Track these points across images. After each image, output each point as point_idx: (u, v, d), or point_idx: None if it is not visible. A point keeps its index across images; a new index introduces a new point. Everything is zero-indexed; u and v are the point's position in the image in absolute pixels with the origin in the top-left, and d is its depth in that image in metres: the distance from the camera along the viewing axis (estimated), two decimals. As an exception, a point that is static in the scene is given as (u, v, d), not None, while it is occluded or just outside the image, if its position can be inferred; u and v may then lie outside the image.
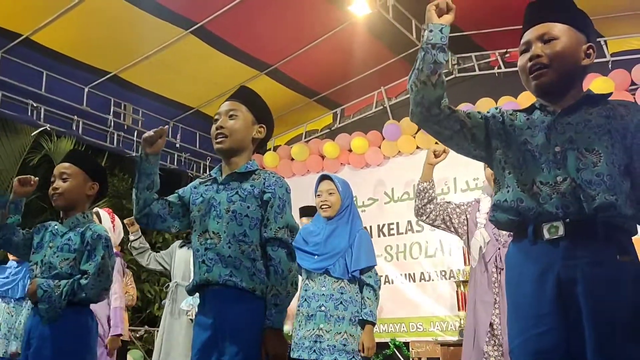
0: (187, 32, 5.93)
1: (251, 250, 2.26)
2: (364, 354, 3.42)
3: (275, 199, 2.31)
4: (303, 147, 7.55)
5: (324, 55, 6.51)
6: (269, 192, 2.31)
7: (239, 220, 2.28)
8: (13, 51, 5.82)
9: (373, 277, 3.57)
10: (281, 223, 2.29)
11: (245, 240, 2.26)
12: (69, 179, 2.85)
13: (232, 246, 2.25)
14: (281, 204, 2.31)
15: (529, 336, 1.78)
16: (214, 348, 2.21)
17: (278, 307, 2.21)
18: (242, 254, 2.25)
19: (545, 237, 1.80)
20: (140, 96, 6.92)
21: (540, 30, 1.91)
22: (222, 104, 2.47)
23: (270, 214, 2.29)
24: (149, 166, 2.41)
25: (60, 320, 2.64)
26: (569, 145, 1.83)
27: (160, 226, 2.46)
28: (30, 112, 6.21)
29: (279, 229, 2.28)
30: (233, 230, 2.26)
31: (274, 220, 2.28)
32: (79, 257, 2.74)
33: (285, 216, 2.31)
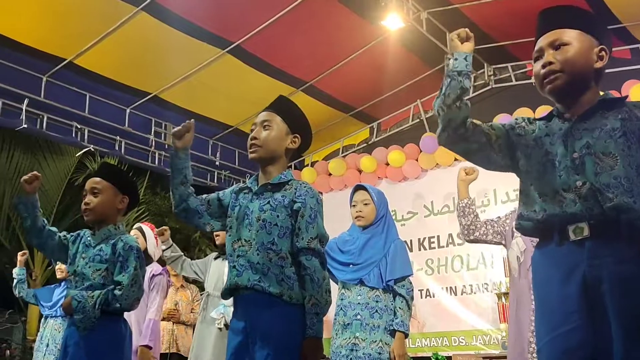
0: (223, 51, 6.04)
1: (279, 258, 2.30)
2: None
3: (306, 209, 2.34)
4: (340, 162, 7.58)
5: (359, 70, 6.55)
6: (299, 202, 2.34)
7: (268, 229, 2.32)
8: (57, 75, 6.02)
9: (406, 286, 3.56)
10: (313, 233, 2.32)
11: (274, 249, 2.30)
12: (100, 194, 2.90)
13: (260, 253, 2.29)
14: (312, 214, 2.35)
15: (555, 335, 1.78)
16: (246, 352, 2.26)
17: (319, 316, 2.25)
18: (269, 261, 2.29)
19: (571, 238, 1.82)
20: (180, 115, 7.04)
21: (551, 37, 1.95)
22: (260, 114, 2.52)
23: (301, 224, 2.33)
24: (180, 161, 2.50)
25: (95, 329, 2.70)
26: (586, 151, 1.85)
27: (197, 222, 2.54)
28: (74, 134, 6.40)
29: (312, 239, 2.31)
30: (262, 239, 2.31)
31: (305, 230, 2.32)
32: (110, 268, 2.80)
33: (316, 226, 2.34)
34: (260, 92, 6.46)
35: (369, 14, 5.78)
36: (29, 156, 8.80)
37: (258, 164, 2.49)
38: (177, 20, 5.58)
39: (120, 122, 6.70)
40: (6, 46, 5.55)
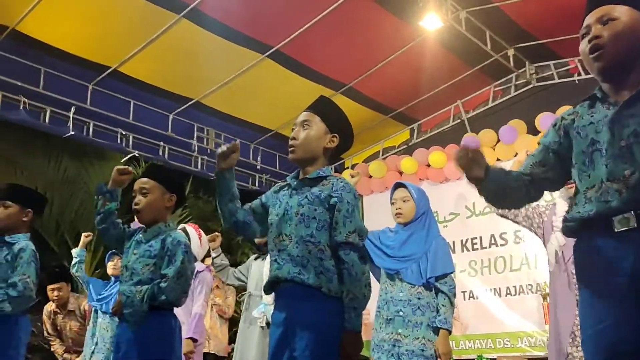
0: (263, 56, 6.11)
1: (318, 250, 2.33)
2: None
3: (343, 204, 2.36)
4: (380, 165, 7.57)
5: (398, 72, 6.55)
6: (336, 197, 2.37)
7: (306, 223, 2.35)
8: (102, 83, 6.18)
9: (448, 284, 3.54)
10: (351, 227, 2.34)
11: (312, 241, 2.33)
12: (148, 193, 2.97)
13: (299, 246, 2.33)
14: (350, 208, 2.36)
15: (601, 327, 1.75)
16: (286, 344, 2.29)
17: (356, 310, 2.26)
18: (309, 253, 2.32)
19: (617, 229, 1.77)
20: (221, 121, 7.15)
21: (599, 12, 1.90)
22: (300, 114, 2.55)
23: (339, 218, 2.35)
24: (226, 181, 2.54)
25: (145, 324, 2.76)
26: (635, 139, 1.78)
27: (247, 232, 2.62)
28: (119, 140, 6.56)
29: (349, 233, 2.33)
30: (301, 232, 2.35)
31: (343, 224, 2.34)
32: (159, 263, 2.86)
33: (354, 220, 2.36)
34: (300, 95, 6.50)
35: (407, 15, 5.77)
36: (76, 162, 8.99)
37: (298, 165, 2.52)
38: (217, 26, 5.67)
39: (163, 128, 6.83)
40: (54, 56, 5.72)
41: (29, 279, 3.39)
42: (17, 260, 3.41)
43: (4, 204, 3.53)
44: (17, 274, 3.37)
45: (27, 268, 3.41)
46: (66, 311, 5.85)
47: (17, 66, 5.69)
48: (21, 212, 3.57)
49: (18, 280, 3.35)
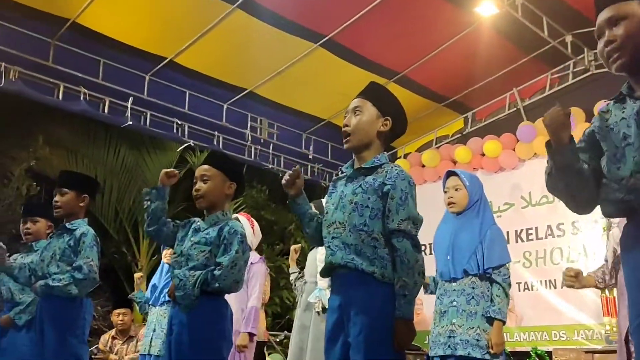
0: (316, 45, 6.12)
1: (371, 239, 2.34)
2: (493, 351, 3.35)
3: (396, 191, 2.35)
4: (434, 154, 7.50)
5: (452, 59, 6.46)
6: (389, 185, 2.36)
7: (360, 211, 2.37)
8: (159, 73, 6.30)
9: (502, 273, 3.48)
10: (403, 215, 2.33)
11: (365, 230, 2.34)
12: (209, 180, 2.99)
13: (353, 234, 2.35)
14: (403, 196, 2.35)
15: None
16: (341, 329, 2.33)
17: (407, 298, 2.26)
18: (362, 242, 2.33)
19: None
20: (275, 110, 7.20)
21: (608, 13, 1.87)
22: (352, 102, 2.56)
23: (392, 206, 2.34)
24: (300, 207, 2.61)
25: (197, 308, 2.81)
26: None
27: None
28: (175, 130, 6.68)
29: (402, 220, 2.32)
30: (354, 221, 2.36)
31: (395, 212, 2.33)
32: (214, 250, 2.90)
33: (407, 208, 2.34)
34: (353, 84, 6.44)
35: (462, 1, 5.69)
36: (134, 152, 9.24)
37: (353, 152, 2.53)
38: (270, 16, 5.71)
39: (218, 117, 6.93)
40: (112, 48, 5.87)
41: (92, 262, 3.53)
42: (80, 245, 3.54)
43: (61, 191, 3.66)
44: (81, 257, 3.51)
45: (90, 252, 3.54)
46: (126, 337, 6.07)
47: (78, 58, 5.85)
48: (77, 198, 3.69)
49: (83, 263, 3.49)
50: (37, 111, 7.60)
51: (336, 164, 8.08)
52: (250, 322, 4.53)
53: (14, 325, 4.15)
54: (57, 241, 3.62)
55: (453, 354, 3.38)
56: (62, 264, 3.53)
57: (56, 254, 3.56)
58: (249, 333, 4.51)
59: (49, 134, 8.38)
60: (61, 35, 5.65)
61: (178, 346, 2.81)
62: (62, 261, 3.54)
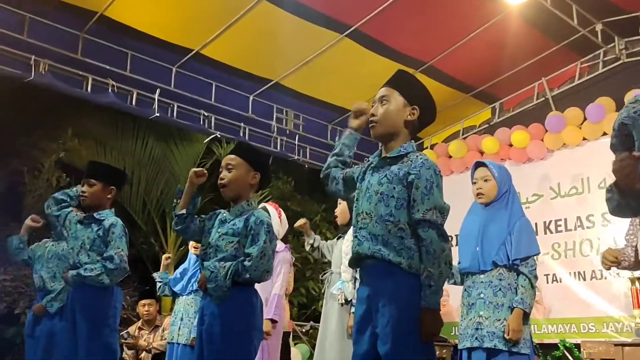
0: (342, 36, 6.10)
1: (398, 229, 2.33)
2: (508, 337, 3.32)
3: (421, 181, 2.34)
4: (461, 144, 7.45)
5: (480, 49, 6.39)
6: (414, 174, 2.35)
7: (385, 201, 2.37)
8: (185, 65, 6.34)
9: (529, 265, 3.45)
10: (429, 204, 2.32)
11: (392, 220, 2.34)
12: (233, 169, 3.03)
13: (379, 225, 2.35)
14: (428, 185, 2.34)
15: None
16: (369, 320, 2.34)
17: (432, 288, 2.25)
18: (389, 232, 2.33)
19: None
20: (300, 101, 7.21)
21: None
22: (379, 91, 2.55)
23: (416, 195, 2.33)
24: (344, 138, 2.78)
25: (227, 299, 2.85)
26: None
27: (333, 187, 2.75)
28: (202, 121, 6.73)
29: (427, 210, 2.31)
30: (380, 211, 2.36)
31: (421, 202, 2.32)
32: (242, 241, 2.93)
33: (432, 197, 2.33)
34: (379, 74, 6.41)
35: (489, -10, 5.62)
36: (161, 143, 9.32)
37: (380, 141, 2.52)
38: (296, 7, 5.70)
39: (244, 109, 6.96)
40: (140, 40, 5.92)
41: (122, 252, 3.59)
42: (109, 235, 3.61)
43: (89, 182, 3.72)
44: (112, 247, 3.57)
45: (120, 242, 3.61)
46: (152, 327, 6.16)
47: (106, 51, 5.91)
48: (105, 190, 3.75)
49: (114, 253, 3.55)
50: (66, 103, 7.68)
51: (362, 154, 8.03)
52: (272, 308, 4.56)
53: (46, 313, 4.24)
54: (85, 231, 3.68)
55: (480, 346, 3.38)
56: (92, 254, 3.60)
57: (86, 244, 3.63)
58: (271, 319, 4.54)
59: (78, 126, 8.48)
60: (90, 28, 5.71)
61: (210, 337, 2.85)
62: (93, 251, 3.61)
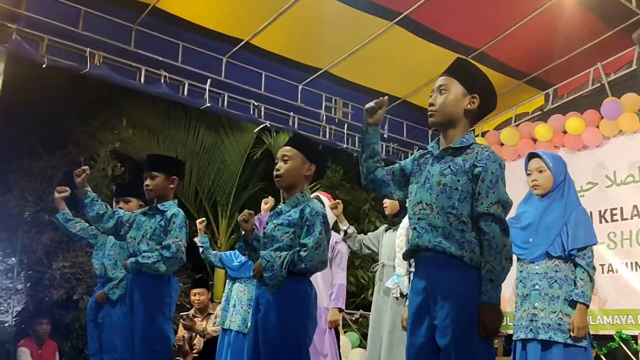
0: (392, 23, 6.05)
1: (459, 222, 2.31)
2: (574, 334, 3.28)
3: (487, 174, 2.31)
4: (513, 132, 7.32)
5: (533, 34, 6.26)
6: (480, 167, 2.32)
7: (448, 193, 2.34)
8: (236, 55, 6.40)
9: (587, 256, 3.39)
10: (493, 198, 2.29)
11: (454, 213, 2.32)
12: (289, 160, 3.08)
13: (441, 217, 2.32)
14: (493, 179, 2.31)
15: None
16: (427, 312, 2.32)
17: (493, 283, 2.24)
18: (450, 225, 2.31)
19: None
20: (349, 90, 7.20)
21: None
22: (437, 79, 2.51)
23: (482, 188, 2.30)
24: (369, 137, 2.60)
25: (283, 288, 2.90)
26: None
27: (384, 191, 2.66)
28: (252, 111, 6.79)
29: (491, 204, 2.28)
30: (442, 203, 2.33)
31: (485, 195, 2.30)
32: (298, 231, 2.98)
33: (497, 191, 2.30)
34: (429, 62, 6.40)
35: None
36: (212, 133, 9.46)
37: (438, 129, 2.50)
38: (345, -6, 5.69)
39: (293, 98, 6.98)
40: (191, 31, 6.00)
41: (180, 242, 3.67)
42: (170, 225, 3.70)
43: (151, 174, 3.80)
44: (171, 237, 3.66)
45: (179, 232, 3.69)
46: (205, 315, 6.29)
47: (158, 42, 6.01)
48: (167, 181, 3.84)
49: (172, 242, 3.63)
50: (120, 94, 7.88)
51: (412, 143, 8.01)
52: (339, 298, 4.65)
53: (108, 300, 4.36)
54: (149, 221, 3.79)
55: (535, 337, 3.34)
56: (152, 243, 3.70)
57: (147, 233, 3.73)
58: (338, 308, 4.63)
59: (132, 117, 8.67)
60: (142, 20, 5.82)
61: (265, 325, 2.90)
62: (152, 240, 3.70)
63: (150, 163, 3.91)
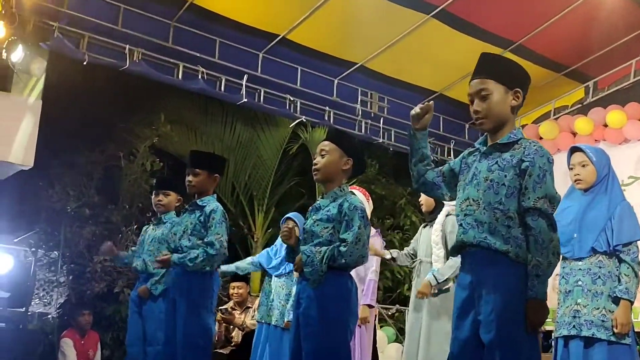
0: (429, 16, 6.01)
1: (506, 217, 2.30)
2: (617, 331, 3.21)
3: (535, 168, 2.29)
4: (552, 125, 7.21)
5: (573, 26, 6.15)
6: (527, 161, 2.30)
7: (495, 189, 2.32)
8: (272, 51, 6.43)
9: (632, 252, 3.32)
10: (540, 193, 2.27)
11: (501, 208, 2.30)
12: (327, 155, 3.09)
13: (487, 212, 2.31)
14: (541, 173, 2.28)
15: None
16: (472, 307, 2.32)
17: (540, 278, 2.22)
18: (496, 220, 2.30)
19: None
20: (385, 84, 7.17)
21: None
22: (471, 83, 2.45)
23: (529, 183, 2.29)
24: (417, 142, 2.60)
25: (324, 283, 2.91)
26: None
27: (435, 193, 2.69)
28: (288, 106, 6.82)
29: (538, 198, 2.26)
30: (489, 198, 2.32)
31: (532, 190, 2.28)
32: (337, 226, 2.98)
33: (544, 186, 2.28)
34: (466, 55, 6.29)
35: (584, -36, 5.39)
36: (248, 128, 9.52)
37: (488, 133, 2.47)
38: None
39: (329, 92, 6.99)
40: (227, 27, 6.05)
41: (222, 238, 3.72)
42: (209, 221, 3.74)
43: (194, 171, 3.85)
44: (212, 233, 3.70)
45: (220, 228, 3.73)
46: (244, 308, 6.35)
47: (195, 38, 6.08)
48: (209, 177, 3.89)
49: (214, 239, 3.67)
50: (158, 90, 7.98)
51: (448, 137, 7.95)
52: (369, 294, 4.63)
53: (150, 295, 4.43)
54: (189, 217, 3.84)
55: (578, 334, 3.29)
56: (193, 238, 3.74)
57: (188, 229, 3.78)
58: (368, 305, 4.61)
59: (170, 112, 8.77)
60: (180, 17, 5.89)
61: (306, 320, 2.92)
62: (194, 235, 3.75)
63: (194, 159, 3.95)
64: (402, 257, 4.77)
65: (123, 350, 6.67)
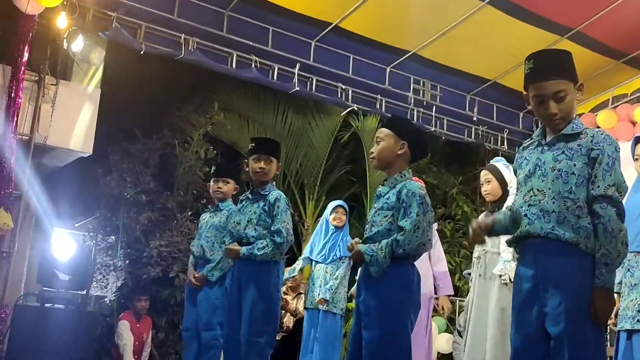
0: (484, 3, 5.93)
1: (576, 207, 2.27)
2: None
3: (604, 156, 2.26)
4: (610, 114, 7.02)
5: (633, 12, 5.97)
6: (597, 149, 2.27)
7: (564, 178, 2.29)
8: (324, 39, 6.46)
9: None
10: (610, 181, 2.25)
11: (571, 197, 2.28)
12: (382, 142, 3.07)
13: (556, 202, 2.28)
14: (610, 161, 2.27)
15: None
16: (535, 299, 2.28)
17: (608, 267, 2.19)
18: (566, 210, 2.27)
19: None
20: (438, 72, 7.11)
21: None
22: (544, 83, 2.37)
23: (598, 171, 2.26)
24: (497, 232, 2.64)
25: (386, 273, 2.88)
26: None
27: None
28: (339, 94, 6.83)
29: (608, 186, 2.24)
30: (558, 188, 2.29)
31: (602, 177, 2.25)
32: (396, 214, 2.95)
33: (614, 174, 2.26)
34: (522, 42, 6.23)
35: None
36: (300, 116, 9.57)
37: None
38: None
39: (381, 81, 6.97)
40: (280, 15, 6.10)
41: (288, 225, 3.73)
42: (274, 209, 3.74)
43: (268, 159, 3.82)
44: (278, 221, 3.70)
45: (285, 215, 3.74)
46: (296, 294, 6.42)
47: (249, 27, 6.16)
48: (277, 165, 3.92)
49: (281, 227, 3.68)
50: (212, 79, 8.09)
51: (501, 126, 7.83)
52: (448, 285, 4.87)
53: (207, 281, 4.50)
54: (252, 206, 3.82)
55: None
56: (259, 228, 3.74)
57: (252, 218, 3.78)
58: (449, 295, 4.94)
59: (223, 101, 8.88)
60: (234, 6, 5.96)
61: (367, 309, 2.91)
62: (259, 225, 3.74)
63: (265, 147, 3.94)
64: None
65: (177, 334, 6.84)
